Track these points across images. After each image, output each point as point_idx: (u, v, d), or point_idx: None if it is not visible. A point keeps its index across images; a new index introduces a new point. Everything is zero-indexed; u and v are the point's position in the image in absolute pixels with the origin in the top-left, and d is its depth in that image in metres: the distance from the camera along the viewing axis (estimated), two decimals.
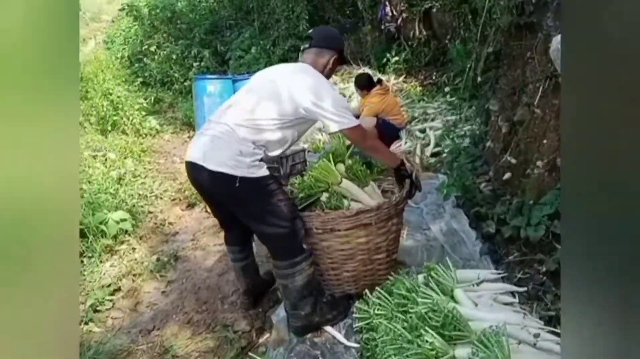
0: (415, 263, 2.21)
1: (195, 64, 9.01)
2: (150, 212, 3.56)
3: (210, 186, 1.75)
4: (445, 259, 1.86)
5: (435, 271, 1.72)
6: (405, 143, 4.33)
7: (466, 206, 2.55)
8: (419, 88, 5.98)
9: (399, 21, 6.44)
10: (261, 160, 1.73)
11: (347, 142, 2.03)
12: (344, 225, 1.78)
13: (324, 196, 1.90)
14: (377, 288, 1.78)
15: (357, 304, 1.84)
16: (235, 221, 1.90)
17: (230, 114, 1.77)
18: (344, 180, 1.91)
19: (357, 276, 1.93)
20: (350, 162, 2.00)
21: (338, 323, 1.87)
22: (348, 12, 7.77)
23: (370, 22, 7.22)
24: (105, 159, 4.83)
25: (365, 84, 4.52)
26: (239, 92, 1.90)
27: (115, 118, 6.20)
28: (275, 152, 1.83)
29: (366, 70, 6.72)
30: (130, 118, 6.31)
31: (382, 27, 6.56)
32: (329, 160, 1.93)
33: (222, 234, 2.83)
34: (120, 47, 10.92)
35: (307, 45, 1.97)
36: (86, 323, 2.27)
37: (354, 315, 1.83)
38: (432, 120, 4.52)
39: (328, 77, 1.94)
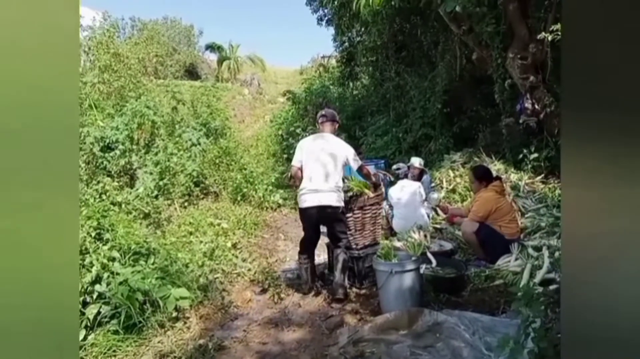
0: None
1: None
2: (224, 290, 3.65)
3: (321, 214, 3.49)
4: None
5: None
6: (516, 259, 3.59)
7: None
8: (558, 192, 5.05)
9: (540, 115, 5.73)
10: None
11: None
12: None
13: None
14: None
15: None
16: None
17: (325, 182, 3.47)
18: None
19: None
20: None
21: None
22: (486, 103, 7.30)
23: (511, 114, 6.63)
24: (221, 228, 5.30)
25: (483, 176, 4.07)
26: (318, 167, 3.53)
27: (245, 190, 6.87)
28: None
29: (499, 164, 6.08)
30: (258, 191, 6.90)
31: (520, 120, 5.92)
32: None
33: (272, 332, 3.06)
34: (278, 126, 12.40)
35: (324, 119, 3.77)
36: None
37: None
38: (557, 236, 3.67)
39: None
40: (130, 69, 8.84)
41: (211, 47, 21.85)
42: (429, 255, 3.65)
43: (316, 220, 3.55)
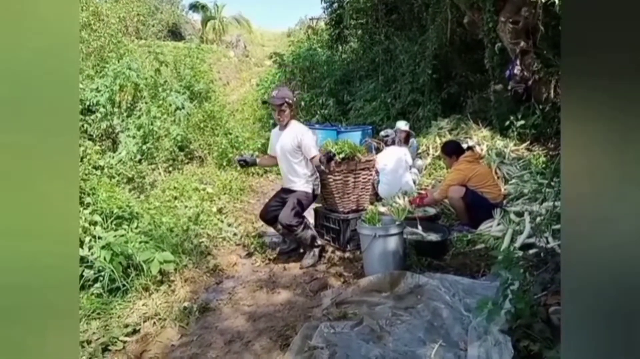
0: None
1: (320, 112, 9.43)
2: (209, 254, 3.65)
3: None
4: None
5: None
6: (498, 224, 3.65)
7: (517, 333, 1.92)
8: (542, 159, 5.10)
9: (529, 82, 5.69)
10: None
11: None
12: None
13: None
14: None
15: None
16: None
17: None
18: None
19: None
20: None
21: None
22: (475, 68, 7.21)
23: (500, 81, 6.57)
24: (206, 193, 5.26)
25: (453, 151, 4.08)
26: None
27: (230, 155, 6.78)
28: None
29: (485, 131, 6.08)
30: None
31: (509, 87, 5.87)
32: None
33: (257, 294, 3.08)
34: (265, 90, 12.12)
35: None
36: None
37: None
38: (539, 202, 3.72)
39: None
40: (110, 28, 8.47)
41: (195, 7, 21.01)
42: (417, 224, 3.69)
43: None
